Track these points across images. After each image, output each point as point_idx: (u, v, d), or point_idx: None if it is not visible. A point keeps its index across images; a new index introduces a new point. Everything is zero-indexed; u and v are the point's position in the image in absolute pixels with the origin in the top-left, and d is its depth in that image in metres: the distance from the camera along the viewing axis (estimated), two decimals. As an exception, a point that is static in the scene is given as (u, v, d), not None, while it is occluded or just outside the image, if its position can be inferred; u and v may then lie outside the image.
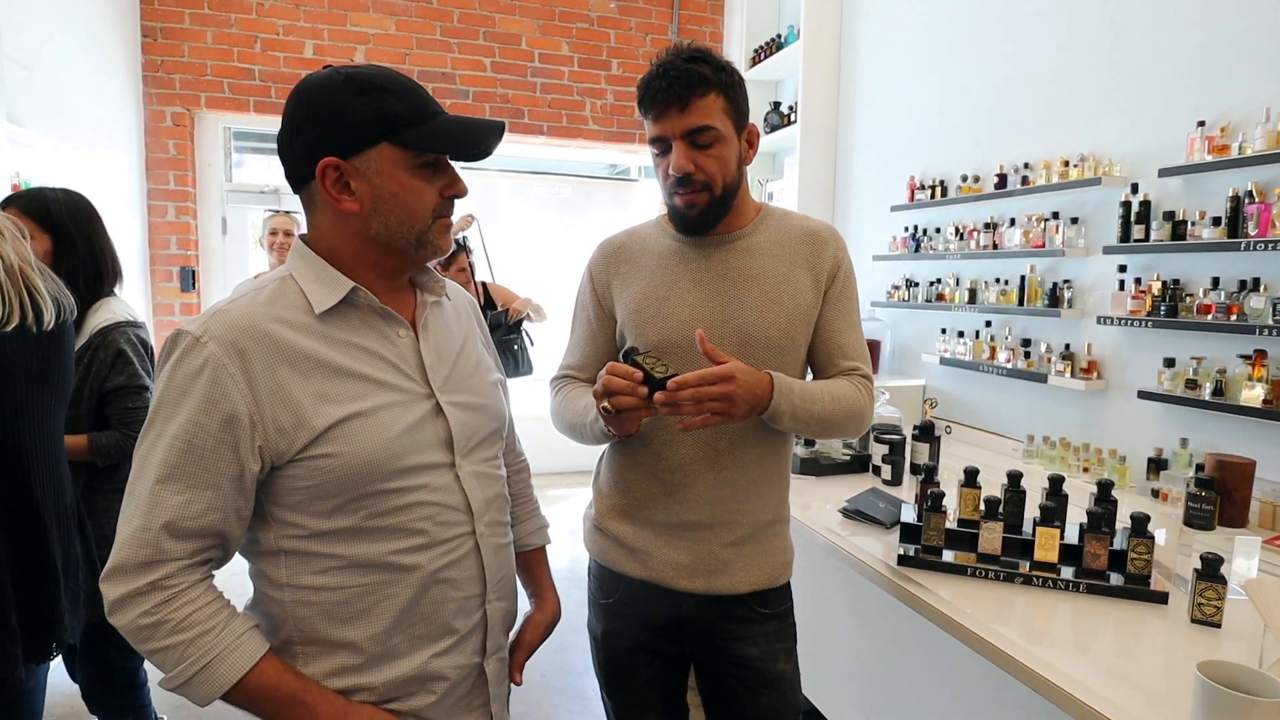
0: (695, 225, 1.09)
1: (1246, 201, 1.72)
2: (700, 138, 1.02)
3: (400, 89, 0.78)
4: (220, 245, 3.93)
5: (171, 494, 0.71)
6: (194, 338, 0.72)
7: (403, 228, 0.79)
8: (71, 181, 1.72)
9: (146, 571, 0.70)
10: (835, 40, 3.52)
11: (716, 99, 1.03)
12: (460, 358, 0.90)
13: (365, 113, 0.75)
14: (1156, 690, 0.97)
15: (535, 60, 4.17)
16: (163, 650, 0.70)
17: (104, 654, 1.65)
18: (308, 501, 0.76)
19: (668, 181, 1.06)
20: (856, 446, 2.09)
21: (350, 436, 0.75)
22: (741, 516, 1.11)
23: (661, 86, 1.01)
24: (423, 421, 0.81)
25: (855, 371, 1.12)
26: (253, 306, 0.76)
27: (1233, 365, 1.77)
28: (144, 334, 1.63)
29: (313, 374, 0.75)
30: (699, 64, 1.01)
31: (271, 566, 0.79)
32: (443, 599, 0.83)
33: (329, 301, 0.78)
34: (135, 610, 0.69)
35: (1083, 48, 2.24)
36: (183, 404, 0.72)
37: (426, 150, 0.78)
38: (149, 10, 3.64)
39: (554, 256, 4.63)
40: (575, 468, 4.14)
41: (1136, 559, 1.22)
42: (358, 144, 0.76)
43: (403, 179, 0.78)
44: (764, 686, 1.13)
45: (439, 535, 0.82)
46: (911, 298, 2.91)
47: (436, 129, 0.79)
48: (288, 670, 0.76)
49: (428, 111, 0.79)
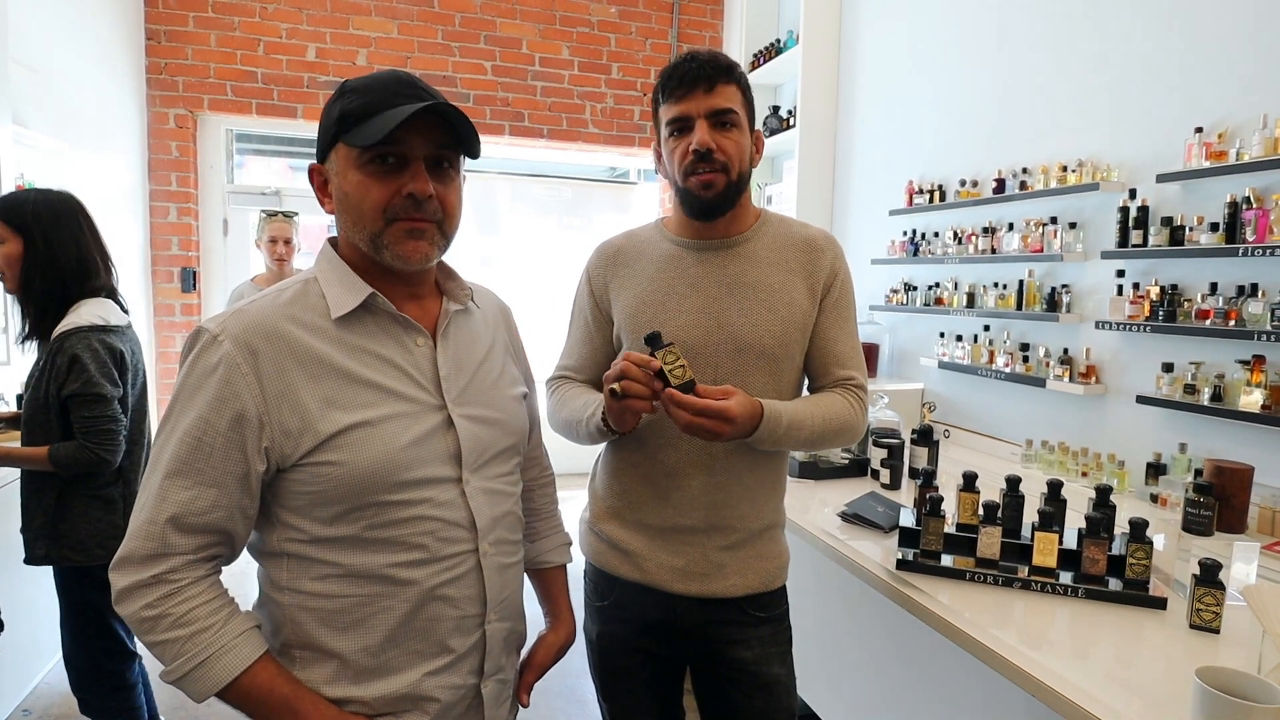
0: (710, 208, 1.08)
1: (1244, 207, 1.73)
2: (724, 118, 1.06)
3: (367, 89, 0.76)
4: (221, 246, 3.94)
5: (179, 488, 0.71)
6: (211, 335, 0.73)
7: (356, 229, 0.77)
8: (75, 182, 1.72)
9: (152, 564, 0.70)
10: (834, 45, 3.53)
11: (737, 91, 1.08)
12: (481, 369, 0.88)
13: (329, 115, 0.78)
14: (1155, 696, 0.97)
15: (536, 64, 4.18)
16: (162, 644, 0.71)
17: (92, 656, 1.65)
18: (310, 507, 0.76)
19: (685, 161, 1.06)
20: (855, 450, 2.09)
21: (354, 445, 0.75)
22: (736, 521, 1.11)
23: (691, 68, 1.05)
24: (431, 434, 0.80)
25: (850, 381, 1.13)
26: (273, 306, 0.76)
27: (1231, 370, 1.77)
28: (114, 339, 1.56)
29: (323, 378, 0.75)
30: (723, 57, 1.07)
31: (275, 568, 0.79)
32: (439, 616, 0.80)
33: (347, 306, 0.78)
34: (139, 601, 0.70)
35: (1081, 53, 2.25)
36: (196, 400, 0.72)
37: (356, 144, 0.74)
38: (153, 13, 3.65)
39: (553, 258, 4.64)
40: (572, 470, 4.14)
41: (1135, 564, 1.22)
42: (324, 146, 0.79)
43: (351, 177, 0.76)
44: (758, 690, 1.13)
45: (439, 551, 0.80)
46: (910, 301, 2.91)
47: (379, 121, 0.73)
48: (282, 675, 0.75)
49: (380, 107, 0.74)
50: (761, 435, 1.01)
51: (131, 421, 1.62)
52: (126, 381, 1.59)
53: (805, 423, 1.05)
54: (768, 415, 1.00)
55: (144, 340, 3.63)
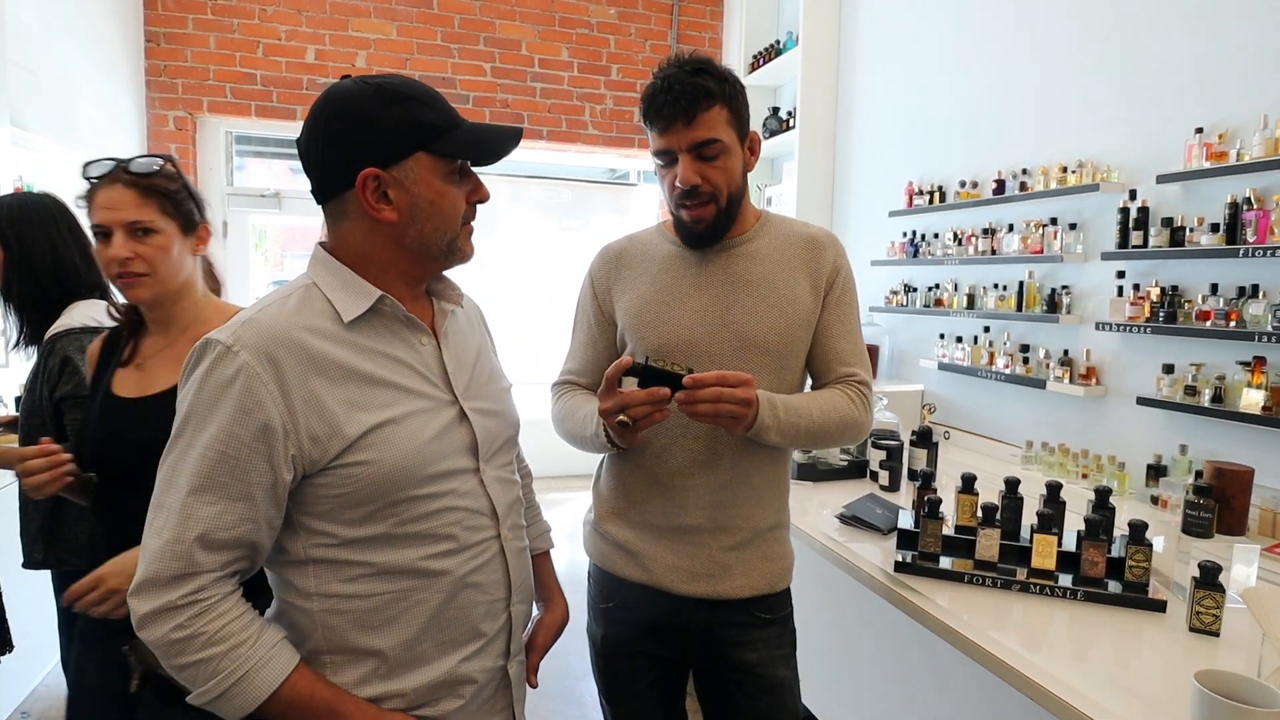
0: (702, 238, 1.10)
1: (1245, 208, 1.72)
2: (706, 150, 1.03)
3: (428, 98, 0.80)
4: (221, 248, 3.94)
5: (204, 505, 0.70)
6: (225, 347, 0.72)
7: (437, 234, 0.81)
8: (73, 185, 1.70)
9: (179, 584, 0.69)
10: (834, 46, 3.53)
11: (721, 111, 1.03)
12: (477, 365, 0.91)
13: (401, 123, 0.77)
14: (1154, 699, 0.96)
15: (535, 65, 4.19)
16: (195, 664, 0.69)
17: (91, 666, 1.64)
18: (339, 509, 0.76)
19: (674, 194, 1.07)
20: (854, 452, 2.09)
21: (382, 444, 0.76)
22: (741, 521, 1.10)
23: (667, 100, 1.01)
24: (449, 428, 0.82)
25: (852, 378, 1.12)
26: (281, 315, 0.76)
27: (1232, 371, 1.76)
28: None
29: (344, 382, 0.76)
30: (702, 77, 1.02)
31: (299, 576, 0.78)
32: (471, 603, 0.83)
33: (357, 310, 0.78)
34: (168, 624, 0.68)
35: (1081, 54, 2.25)
36: (214, 414, 0.71)
37: (456, 157, 0.80)
38: (152, 15, 3.66)
39: (553, 261, 4.63)
40: (575, 471, 4.14)
41: (1135, 566, 1.21)
42: (395, 154, 0.77)
43: (438, 186, 0.79)
44: (763, 693, 1.12)
45: (467, 540, 0.83)
46: (910, 303, 2.90)
47: (464, 136, 0.81)
48: (320, 680, 0.76)
49: (453, 120, 0.81)
50: (764, 420, 1.00)
51: None
52: None
53: (804, 410, 1.04)
54: (762, 400, 1.00)
55: (143, 342, 3.63)
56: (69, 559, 1.55)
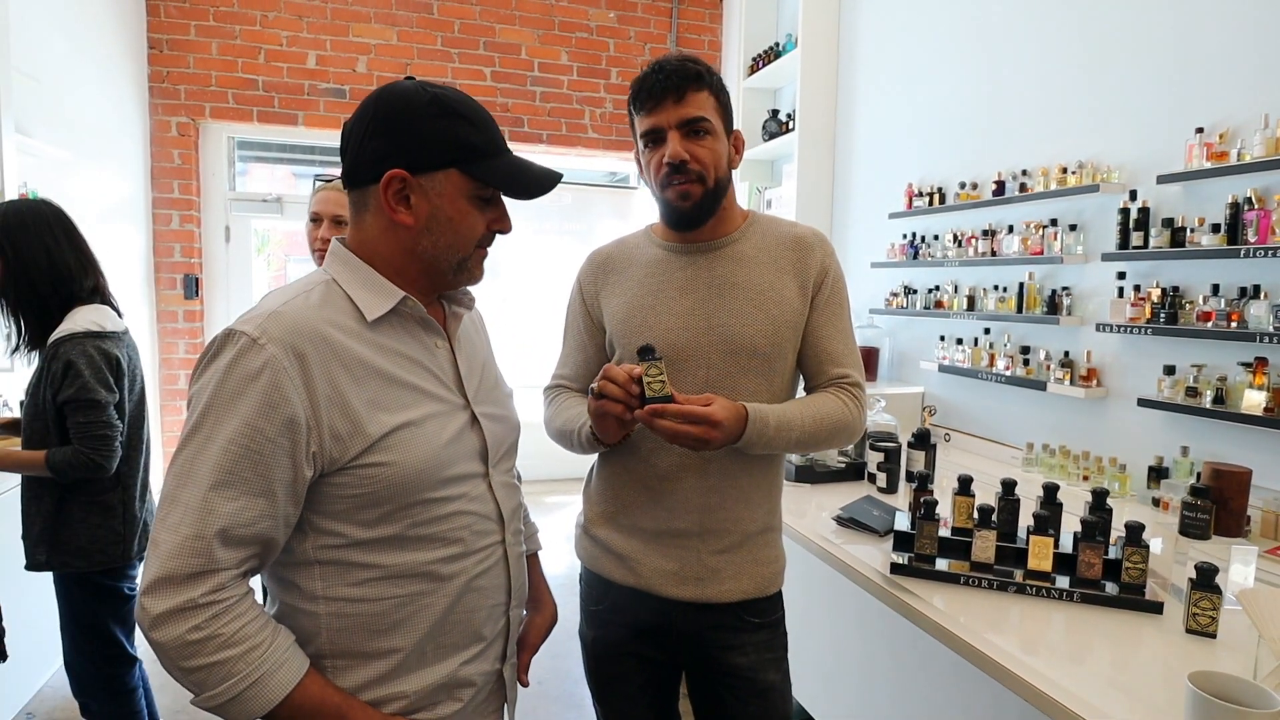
0: (689, 218, 1.09)
1: (1246, 208, 1.71)
2: (695, 127, 1.05)
3: (479, 120, 0.81)
4: (223, 253, 3.96)
5: (225, 500, 0.68)
6: (251, 339, 0.70)
7: (449, 251, 0.81)
8: (78, 191, 1.70)
9: (198, 582, 0.66)
10: (833, 48, 3.53)
11: (709, 96, 1.06)
12: (484, 370, 0.92)
13: (444, 136, 0.78)
14: (1151, 702, 0.96)
15: (535, 69, 4.20)
16: (207, 667, 0.66)
17: (93, 661, 1.65)
18: (353, 510, 0.75)
19: (660, 173, 1.06)
20: (852, 454, 2.09)
21: (402, 445, 0.76)
22: (730, 524, 1.10)
23: (659, 80, 1.04)
24: (462, 432, 0.83)
25: (845, 380, 1.12)
26: (306, 309, 0.75)
27: (1233, 373, 1.75)
28: (109, 345, 1.56)
29: (367, 381, 0.76)
30: (692, 63, 1.05)
31: (305, 578, 0.77)
32: (475, 607, 0.84)
33: (380, 309, 0.79)
34: (185, 624, 0.66)
35: (1080, 54, 2.24)
36: (236, 407, 0.68)
37: (490, 184, 0.81)
38: (155, 22, 3.68)
39: (553, 263, 4.64)
40: (570, 475, 4.14)
41: (1131, 568, 1.21)
42: (428, 163, 0.78)
43: (461, 205, 0.80)
44: (754, 696, 1.12)
45: (474, 544, 0.83)
46: (910, 305, 2.90)
47: (504, 166, 0.81)
48: (329, 684, 0.75)
49: (498, 147, 0.82)
50: (751, 438, 1.00)
51: (129, 427, 1.62)
52: (123, 387, 1.59)
53: (795, 423, 1.04)
54: (753, 417, 1.00)
55: (146, 347, 3.66)
56: (71, 561, 1.57)
